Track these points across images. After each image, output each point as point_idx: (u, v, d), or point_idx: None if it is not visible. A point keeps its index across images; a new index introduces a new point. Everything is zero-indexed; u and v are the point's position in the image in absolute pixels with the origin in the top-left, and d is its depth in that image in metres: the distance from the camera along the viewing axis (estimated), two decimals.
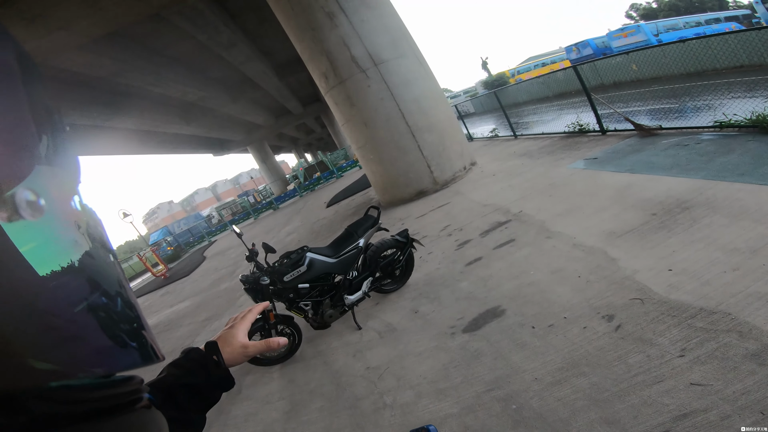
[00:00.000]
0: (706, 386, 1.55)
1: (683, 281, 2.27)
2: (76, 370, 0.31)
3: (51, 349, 0.29)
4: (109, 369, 0.35)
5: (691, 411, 1.49)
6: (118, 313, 0.38)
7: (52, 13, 7.27)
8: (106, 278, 0.37)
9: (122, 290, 0.40)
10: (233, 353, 0.73)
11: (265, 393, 3.21)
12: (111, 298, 0.37)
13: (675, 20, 20.13)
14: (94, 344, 0.33)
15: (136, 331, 0.40)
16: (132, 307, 0.41)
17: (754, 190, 3.10)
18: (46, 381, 0.29)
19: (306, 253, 3.30)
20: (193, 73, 15.47)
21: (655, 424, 1.50)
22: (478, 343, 2.51)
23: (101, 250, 0.38)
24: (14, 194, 0.28)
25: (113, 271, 0.40)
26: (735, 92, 7.23)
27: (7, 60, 0.33)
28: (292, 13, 7.02)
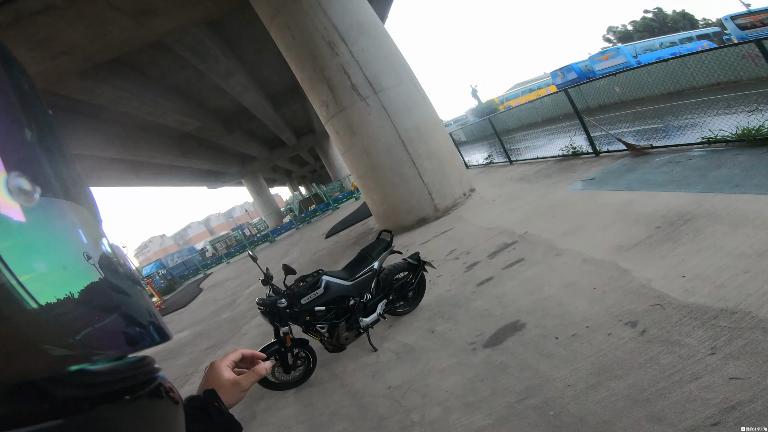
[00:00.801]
0: (745, 379, 1.59)
1: (698, 286, 2.34)
2: (91, 354, 0.33)
3: (65, 335, 0.31)
4: (122, 351, 0.37)
5: (737, 403, 1.52)
6: (125, 295, 0.40)
7: (59, 37, 7.35)
8: (112, 266, 0.40)
9: (128, 277, 0.42)
10: (227, 394, 0.72)
11: (282, 418, 3.13)
12: (119, 286, 0.39)
13: (651, 41, 21.00)
14: (106, 328, 0.36)
15: (143, 313, 0.42)
16: (138, 291, 0.43)
17: (751, 200, 3.23)
18: (64, 366, 0.30)
19: (322, 276, 3.33)
20: (191, 102, 15.73)
21: (703, 417, 1.52)
22: (502, 356, 2.52)
23: (107, 244, 0.42)
24: (7, 180, 0.29)
25: (117, 260, 0.42)
26: (716, 109, 7.57)
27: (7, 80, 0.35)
28: (293, 43, 7.26)
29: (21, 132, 0.34)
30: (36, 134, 0.36)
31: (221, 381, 0.73)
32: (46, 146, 0.37)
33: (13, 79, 0.36)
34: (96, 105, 11.90)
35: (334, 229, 13.41)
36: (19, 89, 0.36)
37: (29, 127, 0.35)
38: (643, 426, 1.59)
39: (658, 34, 28.29)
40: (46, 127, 0.39)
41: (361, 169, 7.71)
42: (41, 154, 0.36)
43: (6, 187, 0.29)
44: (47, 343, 0.29)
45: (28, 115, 0.36)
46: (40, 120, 0.38)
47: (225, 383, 0.73)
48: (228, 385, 0.73)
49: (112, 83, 10.88)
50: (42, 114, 0.39)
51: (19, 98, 0.35)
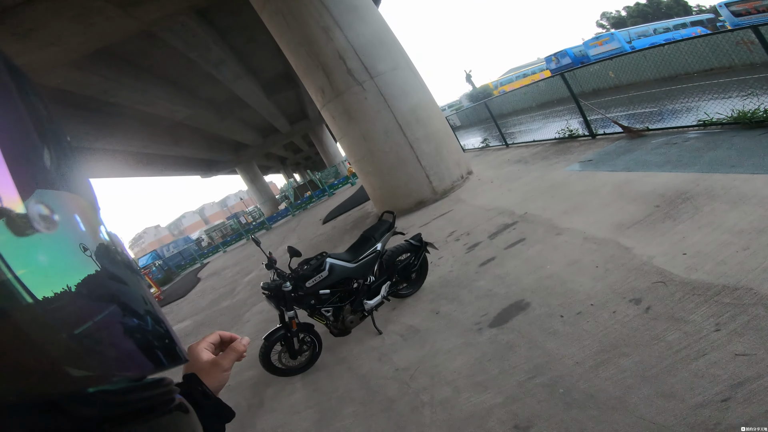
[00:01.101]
0: (751, 356, 1.64)
1: (699, 263, 2.39)
2: (110, 375, 0.34)
3: (85, 357, 0.31)
4: (141, 372, 0.38)
5: (745, 379, 1.56)
6: (146, 320, 0.41)
7: (45, 29, 7.20)
8: (130, 290, 0.41)
9: (147, 300, 0.43)
10: (209, 376, 0.68)
11: (290, 403, 3.16)
12: (138, 308, 0.40)
13: (646, 27, 21.02)
14: (125, 350, 0.36)
15: (163, 336, 0.43)
16: (157, 314, 0.44)
17: (748, 179, 3.28)
18: (85, 387, 0.31)
19: (326, 259, 3.33)
20: (182, 91, 15.47)
21: (713, 393, 1.57)
22: (508, 335, 2.57)
23: (124, 266, 0.42)
24: (27, 207, 0.30)
25: (137, 284, 0.43)
26: (710, 94, 7.60)
27: (6, 80, 0.35)
28: (287, 29, 7.16)
29: (22, 128, 0.34)
30: (35, 129, 0.36)
31: (200, 364, 0.69)
32: (42, 137, 0.37)
33: (12, 78, 0.36)
34: (84, 96, 11.68)
35: (331, 214, 13.40)
36: (17, 87, 0.36)
37: (32, 125, 0.36)
38: (655, 402, 1.64)
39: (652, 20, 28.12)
40: (46, 121, 0.39)
41: (358, 154, 7.70)
42: (38, 145, 0.36)
43: (27, 212, 0.30)
44: (65, 365, 0.30)
45: (29, 113, 0.36)
46: (39, 115, 0.38)
47: (204, 365, 0.69)
48: (208, 366, 0.69)
49: (101, 74, 10.67)
50: (40, 109, 0.39)
51: (18, 97, 0.35)
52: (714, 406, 1.52)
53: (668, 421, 1.53)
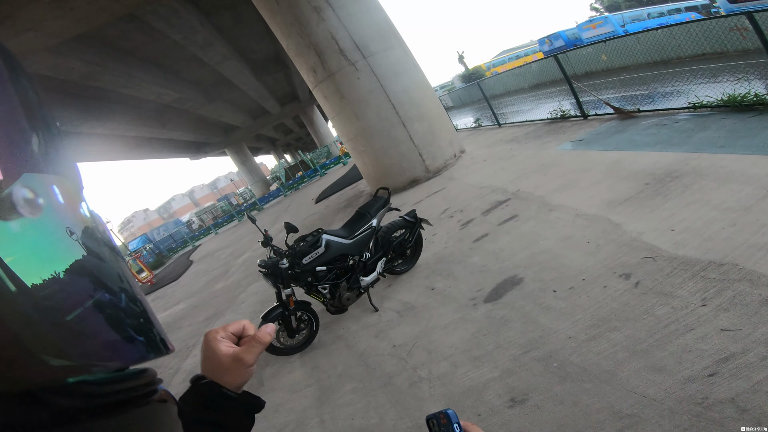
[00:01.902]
0: (736, 331, 1.71)
1: (687, 239, 2.47)
2: (91, 365, 0.32)
3: (65, 346, 0.30)
4: (122, 362, 0.36)
5: (731, 354, 1.63)
6: (126, 308, 0.39)
7: (22, 14, 7.00)
8: (112, 276, 0.39)
9: (128, 287, 0.41)
10: (230, 374, 0.60)
11: (290, 382, 3.19)
12: (118, 295, 0.39)
13: (639, 11, 20.88)
14: (106, 339, 0.35)
15: (145, 325, 0.41)
16: (139, 302, 0.42)
17: (736, 159, 3.35)
18: (64, 377, 0.30)
19: (322, 235, 3.34)
20: (168, 74, 15.08)
21: (700, 368, 1.64)
22: (503, 310, 2.64)
23: (107, 250, 0.40)
24: (11, 192, 0.29)
25: (119, 269, 0.41)
26: (701, 78, 7.65)
27: None
28: (278, 8, 7.00)
29: (11, 112, 0.33)
30: (24, 113, 0.35)
31: (219, 359, 0.60)
32: (31, 122, 0.36)
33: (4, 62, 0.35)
34: (66, 81, 11.36)
35: (324, 193, 13.37)
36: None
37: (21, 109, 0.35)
38: (644, 376, 1.71)
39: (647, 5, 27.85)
40: (36, 105, 0.38)
41: (351, 133, 7.67)
42: (27, 129, 0.35)
43: (12, 197, 0.29)
44: (44, 354, 0.29)
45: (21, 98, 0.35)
46: (29, 99, 0.37)
47: (225, 361, 0.59)
48: (228, 362, 0.59)
49: (83, 58, 10.40)
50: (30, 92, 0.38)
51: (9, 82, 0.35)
52: (701, 380, 1.59)
53: (658, 395, 1.60)
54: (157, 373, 0.44)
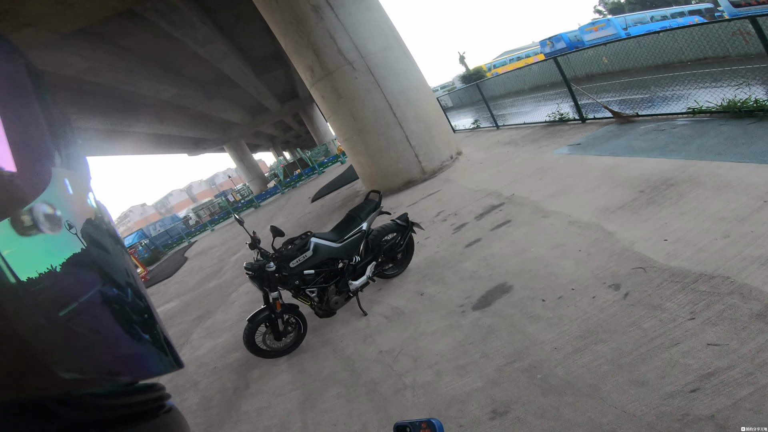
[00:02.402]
0: (723, 346, 1.66)
1: (680, 249, 2.42)
2: (101, 379, 0.33)
3: (77, 359, 0.31)
4: (132, 377, 0.37)
5: (716, 370, 1.59)
6: (139, 324, 0.39)
7: (20, 9, 6.94)
8: (129, 293, 0.40)
9: (144, 303, 0.42)
10: None
11: (275, 385, 3.16)
12: (134, 312, 0.39)
13: (642, 14, 20.89)
14: (117, 354, 0.35)
15: (157, 341, 0.42)
16: (153, 318, 0.43)
17: (733, 167, 3.30)
18: (74, 389, 0.30)
19: (310, 238, 3.30)
20: (167, 70, 15.01)
21: (683, 383, 1.59)
22: (491, 318, 2.60)
23: (126, 268, 0.41)
24: (32, 209, 0.30)
25: (135, 284, 0.42)
26: (702, 82, 7.60)
27: (20, 72, 0.36)
28: (277, 7, 6.96)
29: (35, 123, 0.34)
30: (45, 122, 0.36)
31: None
32: (52, 132, 0.37)
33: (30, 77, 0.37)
34: (65, 76, 11.28)
35: (320, 192, 13.32)
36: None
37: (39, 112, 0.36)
38: (627, 390, 1.67)
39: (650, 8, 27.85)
40: (57, 120, 0.40)
41: (347, 133, 7.63)
42: (43, 126, 0.35)
43: (32, 217, 0.29)
44: (56, 366, 0.29)
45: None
46: (51, 114, 0.39)
47: None
48: None
49: (81, 54, 10.32)
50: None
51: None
52: (683, 396, 1.55)
53: (639, 410, 1.56)
54: (166, 388, 0.44)
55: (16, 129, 0.32)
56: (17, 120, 0.32)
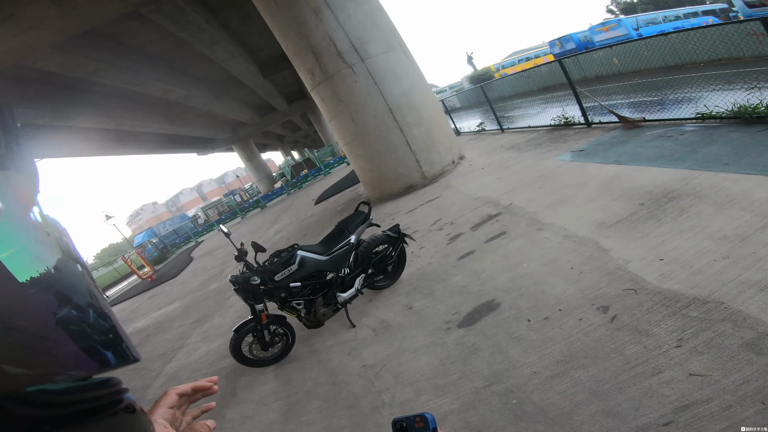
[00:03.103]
0: (705, 377, 1.56)
1: (675, 270, 2.30)
2: (53, 374, 0.31)
3: (25, 355, 0.29)
4: (86, 371, 0.35)
5: (693, 402, 1.49)
6: (90, 316, 0.38)
7: (25, 12, 7.04)
8: (76, 286, 0.38)
9: (93, 296, 0.40)
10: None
11: (261, 394, 3.15)
12: (82, 304, 0.38)
13: (654, 14, 20.45)
14: (69, 348, 0.34)
15: (110, 334, 0.40)
16: (104, 311, 0.41)
17: (739, 179, 3.15)
18: (23, 385, 0.29)
19: (297, 251, 3.26)
20: (174, 71, 15.13)
21: (657, 416, 1.50)
22: (475, 337, 2.51)
23: (68, 259, 0.39)
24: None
25: (82, 278, 0.40)
26: (715, 84, 7.38)
27: None
28: (277, 9, 6.91)
29: None
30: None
31: None
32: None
33: None
34: (73, 77, 11.44)
35: (324, 195, 13.31)
36: None
37: None
38: (599, 421, 1.57)
39: (664, 8, 27.30)
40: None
41: (348, 137, 7.57)
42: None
43: None
44: (2, 362, 0.28)
45: None
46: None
47: None
48: None
49: (88, 55, 10.45)
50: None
51: None
52: (655, 429, 1.46)
53: None
54: (122, 382, 0.43)
55: None
56: None
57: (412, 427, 0.60)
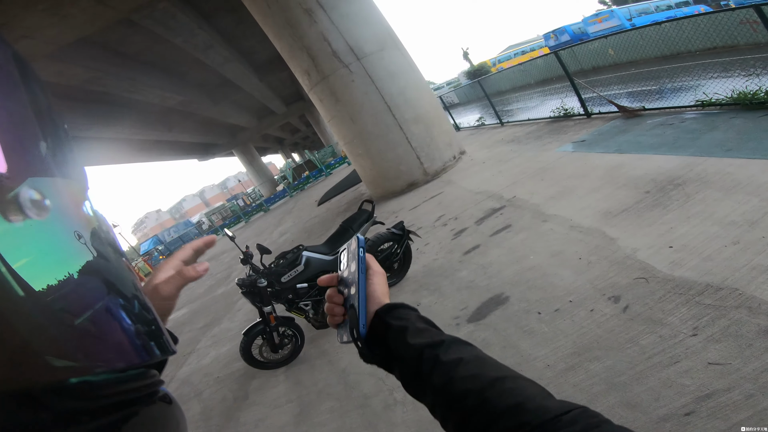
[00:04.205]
0: (724, 365, 1.53)
1: (685, 258, 2.28)
2: (94, 366, 0.32)
3: (69, 347, 0.30)
4: (125, 363, 0.36)
5: (713, 391, 1.47)
6: (131, 309, 0.39)
7: (16, 22, 7.07)
8: (119, 278, 0.39)
9: (135, 289, 0.41)
10: (153, 302, 0.55)
11: (273, 397, 3.15)
12: (125, 296, 0.38)
13: (647, 4, 20.30)
14: (110, 340, 0.35)
15: (149, 326, 0.41)
16: (142, 303, 0.42)
17: (743, 164, 3.13)
18: (66, 377, 0.30)
19: (302, 252, 3.25)
20: (171, 77, 15.15)
21: (678, 405, 1.47)
22: (485, 332, 2.49)
23: (113, 252, 0.40)
24: (18, 193, 0.29)
25: (125, 271, 0.41)
26: (712, 72, 7.34)
27: (8, 65, 0.35)
28: (269, 11, 6.89)
29: (22, 117, 0.34)
30: (35, 117, 0.35)
31: (149, 285, 0.58)
32: (41, 126, 0.36)
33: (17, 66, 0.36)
34: (69, 86, 11.48)
35: (326, 195, 13.30)
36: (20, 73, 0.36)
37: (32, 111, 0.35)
38: (618, 412, 1.55)
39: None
40: (46, 109, 0.38)
41: (347, 136, 7.56)
42: (36, 133, 0.35)
43: (18, 200, 0.29)
44: (48, 354, 0.28)
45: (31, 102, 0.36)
46: (39, 104, 0.37)
47: (149, 289, 0.58)
48: (150, 291, 0.57)
49: (83, 64, 10.50)
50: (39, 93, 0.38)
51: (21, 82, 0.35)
52: (676, 419, 1.43)
53: None
54: (159, 375, 0.44)
55: (8, 128, 0.31)
56: (9, 119, 0.32)
57: (350, 250, 0.66)
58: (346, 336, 0.60)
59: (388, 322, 0.57)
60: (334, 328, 0.64)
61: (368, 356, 0.59)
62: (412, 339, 0.54)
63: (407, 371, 0.54)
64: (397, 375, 0.57)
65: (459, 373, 0.48)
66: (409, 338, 0.54)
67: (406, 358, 0.53)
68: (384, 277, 0.66)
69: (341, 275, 0.66)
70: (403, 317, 0.58)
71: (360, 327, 0.58)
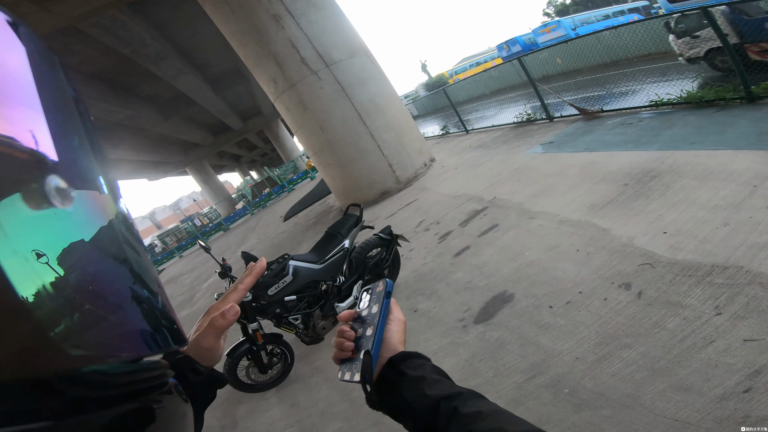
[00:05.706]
0: (760, 340, 1.54)
1: (682, 241, 2.34)
2: (108, 356, 0.33)
3: (84, 336, 0.30)
4: (138, 354, 0.37)
5: (762, 366, 1.46)
6: (146, 301, 0.40)
7: None
8: (141, 271, 0.40)
9: (149, 280, 0.42)
10: (196, 355, 0.59)
11: (267, 422, 2.86)
12: (140, 288, 0.39)
13: (588, 14, 21.96)
14: (124, 331, 0.35)
15: (162, 318, 0.42)
16: (158, 296, 0.42)
17: (711, 155, 3.33)
18: (80, 366, 0.30)
19: (289, 262, 3.02)
20: (118, 90, 14.22)
21: (732, 384, 1.46)
22: (496, 331, 2.42)
23: (133, 247, 0.41)
24: (45, 182, 0.30)
25: (150, 266, 0.43)
26: (651, 77, 7.93)
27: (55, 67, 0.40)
28: (233, 17, 6.64)
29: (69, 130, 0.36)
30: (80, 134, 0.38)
31: (195, 339, 0.60)
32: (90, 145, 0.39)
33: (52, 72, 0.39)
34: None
35: (292, 210, 12.91)
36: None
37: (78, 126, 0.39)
38: (672, 397, 1.51)
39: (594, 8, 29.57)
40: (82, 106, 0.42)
41: (316, 146, 7.37)
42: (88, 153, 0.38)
43: (45, 189, 0.30)
44: (64, 343, 0.28)
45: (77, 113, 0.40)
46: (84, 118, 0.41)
47: (191, 343, 0.59)
48: (193, 345, 0.59)
49: None
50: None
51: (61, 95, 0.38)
52: (737, 397, 1.41)
53: (692, 418, 1.41)
54: (169, 366, 0.46)
55: (56, 121, 0.33)
56: (56, 112, 0.34)
57: (375, 291, 0.66)
58: (349, 375, 0.59)
59: (403, 371, 0.57)
60: (337, 363, 0.64)
61: (377, 403, 0.59)
62: (429, 390, 0.53)
63: (420, 423, 0.53)
64: (407, 425, 0.56)
65: (478, 427, 0.46)
66: (426, 389, 0.53)
67: (420, 408, 0.53)
68: (403, 325, 0.67)
69: (359, 313, 0.67)
70: (418, 366, 0.58)
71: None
